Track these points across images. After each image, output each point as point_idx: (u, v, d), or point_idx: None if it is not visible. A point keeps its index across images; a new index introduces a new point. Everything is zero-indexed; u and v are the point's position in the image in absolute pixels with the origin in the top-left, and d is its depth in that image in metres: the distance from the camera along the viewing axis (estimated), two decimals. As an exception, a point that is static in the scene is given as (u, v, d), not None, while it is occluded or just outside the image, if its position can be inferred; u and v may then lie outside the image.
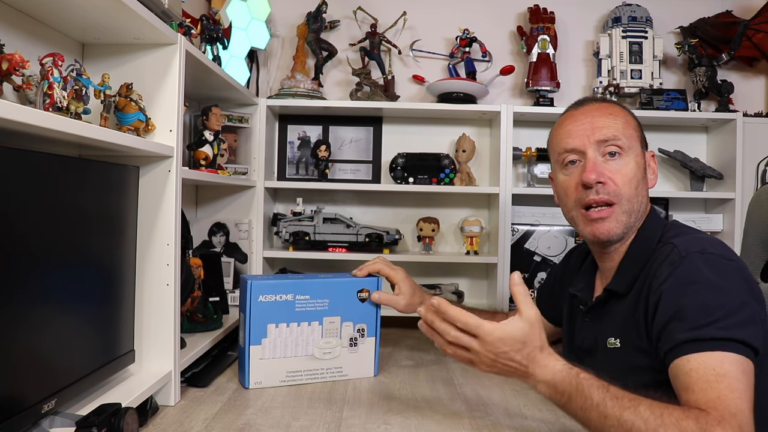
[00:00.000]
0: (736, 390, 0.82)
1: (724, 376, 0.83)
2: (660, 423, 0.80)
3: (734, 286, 0.90)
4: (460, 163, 2.04)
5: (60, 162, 0.90)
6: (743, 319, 0.86)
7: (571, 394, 0.87)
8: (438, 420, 1.06)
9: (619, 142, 1.03)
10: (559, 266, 1.35)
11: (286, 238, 1.93)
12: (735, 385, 0.83)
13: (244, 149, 1.92)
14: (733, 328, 0.85)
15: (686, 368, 0.86)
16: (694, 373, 0.85)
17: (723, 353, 0.84)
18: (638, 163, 1.04)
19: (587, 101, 1.10)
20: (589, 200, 1.02)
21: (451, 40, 2.15)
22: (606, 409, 0.84)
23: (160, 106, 1.14)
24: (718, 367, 0.84)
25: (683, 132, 2.15)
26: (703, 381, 0.84)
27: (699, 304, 0.88)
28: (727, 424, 0.79)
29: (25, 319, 0.79)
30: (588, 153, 1.03)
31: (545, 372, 0.90)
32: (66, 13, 1.00)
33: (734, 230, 1.96)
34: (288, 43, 2.16)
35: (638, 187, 1.03)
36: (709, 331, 0.86)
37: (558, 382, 0.89)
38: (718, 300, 0.88)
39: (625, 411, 0.82)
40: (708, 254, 0.92)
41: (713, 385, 0.83)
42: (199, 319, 1.43)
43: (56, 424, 0.86)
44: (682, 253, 0.93)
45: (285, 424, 1.03)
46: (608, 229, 1.02)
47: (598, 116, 1.05)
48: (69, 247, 0.91)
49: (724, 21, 2.12)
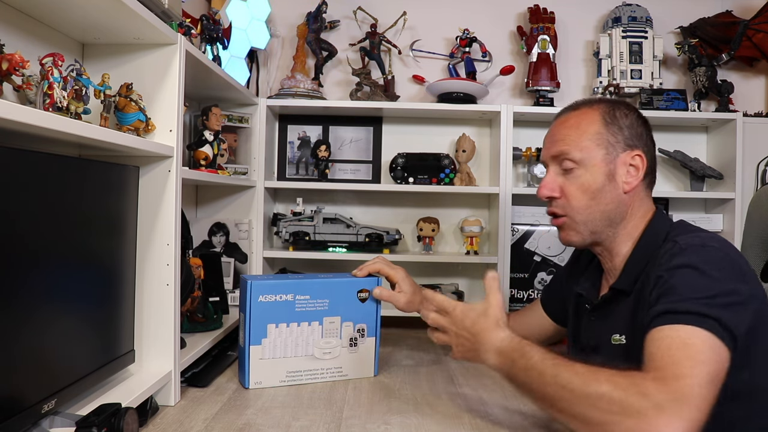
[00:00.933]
0: (694, 359, 0.82)
1: (689, 345, 0.83)
2: (593, 378, 0.83)
3: (726, 275, 0.90)
4: (460, 163, 2.04)
5: (60, 162, 0.90)
6: (726, 303, 0.86)
7: (514, 358, 0.94)
8: (438, 420, 1.06)
9: (570, 156, 1.05)
10: (566, 266, 1.36)
11: (286, 238, 1.93)
12: (696, 355, 0.82)
13: (244, 149, 1.92)
14: (714, 307, 0.86)
15: (656, 337, 0.87)
16: (661, 342, 0.86)
17: (696, 328, 0.84)
18: (596, 173, 1.04)
19: (561, 112, 1.13)
20: (547, 211, 1.12)
21: (451, 40, 2.15)
22: (544, 368, 0.89)
23: (160, 106, 1.14)
24: (686, 337, 0.84)
25: (683, 132, 2.15)
26: (666, 347, 0.85)
27: (684, 284, 0.90)
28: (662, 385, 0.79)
29: (25, 319, 0.80)
30: (549, 167, 1.10)
31: (492, 340, 0.98)
32: (66, 13, 1.00)
33: (734, 230, 1.96)
34: (288, 43, 2.16)
35: (595, 198, 1.04)
36: (687, 305, 0.87)
37: (502, 348, 0.96)
38: (705, 283, 0.89)
39: (560, 367, 0.87)
40: (707, 246, 0.93)
41: (674, 352, 0.83)
42: (199, 319, 1.43)
43: (56, 424, 0.86)
44: (682, 246, 0.95)
45: (285, 424, 1.03)
46: (564, 237, 1.10)
47: (558, 130, 1.10)
48: (69, 247, 0.91)
49: (724, 21, 2.12)
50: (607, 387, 0.81)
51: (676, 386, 0.79)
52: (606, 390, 0.81)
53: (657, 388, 0.79)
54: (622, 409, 0.79)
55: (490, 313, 1.01)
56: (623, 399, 0.79)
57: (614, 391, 0.80)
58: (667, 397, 0.78)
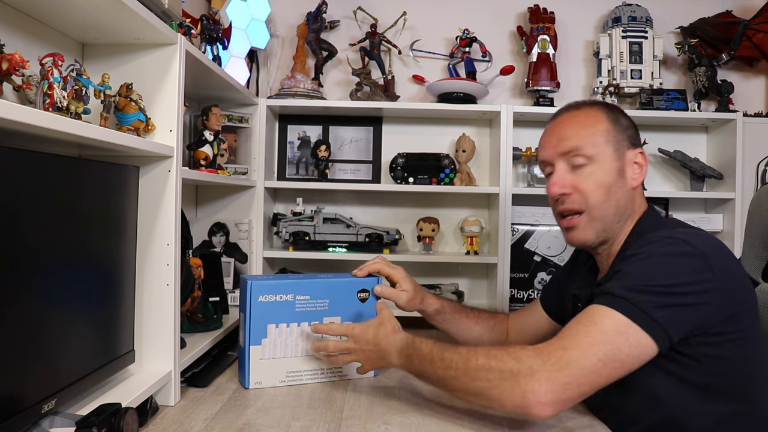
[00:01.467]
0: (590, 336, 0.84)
1: (594, 324, 0.86)
2: (473, 354, 0.93)
3: (680, 269, 0.89)
4: (460, 163, 2.04)
5: (60, 162, 0.90)
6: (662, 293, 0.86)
7: (411, 355, 1.04)
8: (438, 420, 1.06)
9: (583, 152, 1.04)
10: (565, 265, 1.36)
11: (286, 238, 1.93)
12: (596, 334, 0.85)
13: (244, 149, 1.92)
14: (641, 294, 0.86)
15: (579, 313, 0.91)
16: (579, 316, 0.90)
17: (611, 310, 0.86)
18: (608, 169, 1.04)
19: (560, 112, 1.13)
20: (558, 210, 1.08)
21: (451, 40, 2.15)
22: (433, 355, 0.99)
23: (160, 106, 1.14)
24: (597, 317, 0.87)
25: (683, 132, 2.15)
26: (576, 322, 0.88)
27: (630, 270, 0.91)
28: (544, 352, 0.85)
29: (25, 319, 0.79)
30: (556, 165, 1.08)
31: (392, 345, 1.08)
32: (66, 13, 1.00)
33: (734, 230, 1.96)
34: (288, 43, 2.16)
35: (609, 193, 1.04)
36: (615, 288, 0.89)
37: (401, 347, 1.07)
38: (649, 273, 0.89)
39: (446, 352, 0.98)
40: (672, 239, 0.93)
41: (579, 327, 0.87)
42: (199, 319, 1.43)
43: (56, 424, 0.86)
44: (650, 238, 0.95)
45: (285, 424, 1.03)
46: (578, 236, 1.07)
47: (564, 127, 1.08)
48: (69, 247, 0.91)
49: (724, 21, 2.12)
50: (483, 359, 0.91)
51: (557, 355, 0.85)
52: (483, 361, 0.91)
53: (532, 355, 0.86)
54: (497, 375, 0.88)
55: (386, 323, 1.11)
56: (497, 366, 0.88)
57: (489, 361, 0.90)
58: (539, 362, 0.85)
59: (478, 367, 0.91)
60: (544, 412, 0.86)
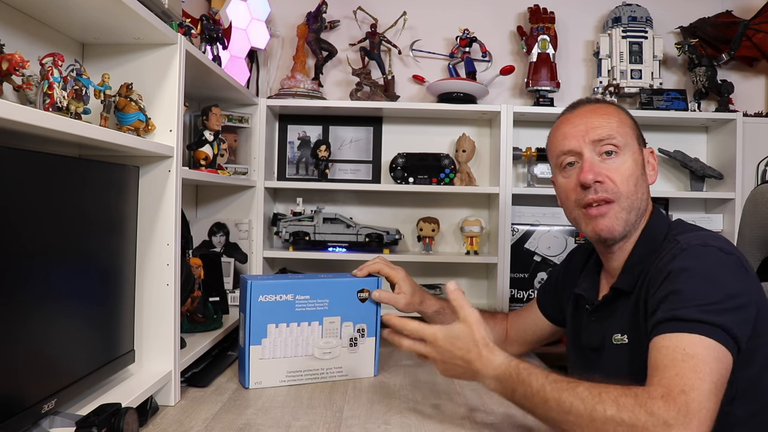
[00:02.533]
0: (699, 372, 0.81)
1: (693, 356, 0.83)
2: (598, 401, 0.82)
3: (729, 278, 0.90)
4: (460, 163, 2.04)
5: (60, 162, 0.90)
6: (729, 308, 0.86)
7: (514, 386, 0.91)
8: (438, 420, 1.06)
9: (615, 141, 1.03)
10: (560, 267, 1.35)
11: (286, 238, 1.93)
12: (700, 367, 0.82)
13: (244, 149, 1.92)
14: (716, 313, 0.85)
15: (659, 345, 0.87)
16: (664, 350, 0.85)
17: (699, 336, 0.84)
18: (636, 161, 1.05)
19: (581, 103, 1.12)
20: (588, 200, 1.03)
21: (451, 40, 2.15)
22: (545, 394, 0.87)
23: (160, 106, 1.14)
24: (690, 347, 0.84)
25: (683, 132, 2.15)
26: (670, 359, 0.84)
27: (687, 289, 0.89)
28: (671, 400, 0.79)
29: (25, 319, 0.79)
30: (584, 153, 1.04)
31: (488, 368, 0.95)
32: (66, 13, 1.00)
33: (734, 230, 1.95)
34: (288, 43, 2.16)
35: (637, 184, 1.04)
36: (690, 312, 0.86)
37: (500, 375, 0.94)
38: (708, 288, 0.88)
39: (563, 393, 0.85)
40: (709, 247, 0.93)
41: (678, 364, 0.83)
42: (199, 319, 1.43)
43: (56, 424, 0.86)
44: (683, 246, 0.94)
45: (285, 424, 1.03)
46: (608, 225, 1.02)
47: (592, 117, 1.06)
48: (69, 247, 0.91)
49: (724, 21, 2.12)
50: (612, 410, 0.80)
51: (682, 401, 0.79)
52: (612, 413, 0.80)
53: (663, 406, 0.78)
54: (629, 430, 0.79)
55: (476, 335, 0.97)
56: (630, 419, 0.79)
57: (620, 413, 0.79)
58: (673, 414, 0.78)
59: (605, 419, 0.80)
60: None
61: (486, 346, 0.96)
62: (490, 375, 0.95)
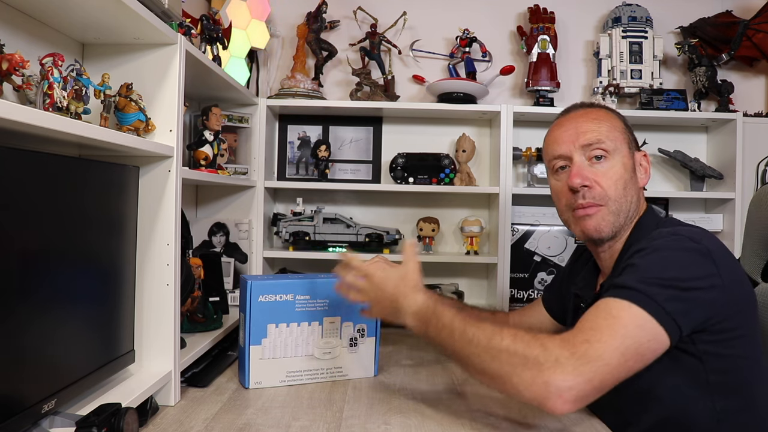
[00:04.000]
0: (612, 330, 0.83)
1: (614, 317, 0.84)
2: (498, 333, 0.87)
3: (686, 262, 0.90)
4: (460, 163, 2.04)
5: (60, 162, 0.90)
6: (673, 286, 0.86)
7: (429, 319, 0.98)
8: (438, 420, 1.06)
9: (603, 145, 1.05)
10: (567, 265, 1.37)
11: (286, 238, 1.93)
12: (616, 327, 0.83)
13: (244, 149, 1.92)
14: (656, 287, 0.86)
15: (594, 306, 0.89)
16: (594, 309, 0.88)
17: (629, 303, 0.85)
18: (625, 165, 1.06)
19: (573, 108, 1.13)
20: (577, 204, 1.06)
21: (451, 40, 2.15)
22: (454, 326, 0.94)
23: (160, 106, 1.14)
24: (615, 310, 0.86)
25: (683, 132, 2.15)
26: (593, 316, 0.87)
27: (640, 264, 0.91)
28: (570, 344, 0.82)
29: (24, 319, 0.79)
30: (574, 158, 1.06)
31: (411, 303, 1.02)
32: (66, 13, 1.00)
33: (734, 230, 1.96)
34: (288, 43, 2.16)
35: (626, 188, 1.05)
36: (630, 281, 0.88)
37: (419, 309, 1.01)
38: (659, 265, 0.89)
39: (468, 325, 0.92)
40: (678, 235, 0.94)
41: (598, 321, 0.85)
42: (199, 319, 1.43)
43: (56, 424, 0.86)
44: (655, 235, 0.96)
45: (285, 424, 1.03)
46: (595, 225, 1.05)
47: (583, 122, 1.08)
48: (69, 247, 0.91)
49: (724, 21, 2.12)
50: (509, 341, 0.86)
51: (582, 348, 0.82)
52: (507, 343, 0.86)
53: (560, 345, 0.83)
54: (521, 361, 0.83)
55: (409, 277, 1.05)
56: (523, 351, 0.84)
57: (515, 344, 0.85)
58: (566, 353, 0.82)
59: (501, 348, 0.86)
60: (563, 408, 0.81)
61: (414, 287, 1.04)
62: (411, 311, 1.02)
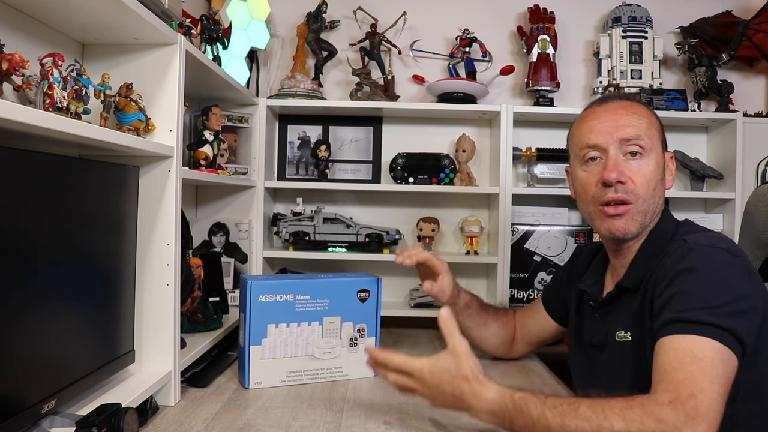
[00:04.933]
0: (707, 375, 0.81)
1: (701, 359, 0.83)
2: (603, 418, 0.80)
3: (736, 280, 0.90)
4: (460, 163, 2.04)
5: (60, 162, 0.90)
6: (736, 311, 0.86)
7: (513, 417, 0.88)
8: (438, 420, 1.06)
9: (642, 142, 1.02)
10: (566, 264, 1.36)
11: (286, 238, 1.93)
12: (709, 369, 0.82)
13: (244, 149, 1.92)
14: (723, 316, 0.85)
15: (666, 347, 0.86)
16: (672, 352, 0.85)
17: (706, 339, 0.84)
18: (658, 164, 1.04)
19: (612, 98, 1.10)
20: (607, 198, 1.02)
21: (451, 40, 2.15)
22: (547, 421, 0.84)
23: (160, 106, 1.14)
24: (698, 350, 0.84)
25: (683, 132, 2.15)
26: (678, 361, 0.84)
27: (695, 290, 0.89)
28: (680, 405, 0.79)
29: (24, 319, 0.80)
30: (610, 151, 1.03)
31: (481, 402, 0.91)
32: (66, 13, 1.00)
33: (734, 230, 1.96)
34: (288, 43, 2.16)
35: (656, 188, 1.03)
36: (698, 314, 0.86)
37: (495, 409, 0.89)
38: (716, 290, 0.88)
39: (566, 417, 0.82)
40: (716, 248, 0.93)
41: (686, 366, 0.83)
42: (199, 319, 1.43)
43: (56, 424, 0.86)
44: (691, 246, 0.94)
45: (285, 424, 1.03)
46: (623, 226, 1.02)
47: (623, 114, 1.05)
48: (69, 247, 0.91)
49: (724, 21, 2.12)
50: (619, 424, 0.78)
51: (691, 405, 0.79)
52: (620, 427, 0.78)
53: (672, 411, 0.78)
54: None
55: (465, 369, 0.92)
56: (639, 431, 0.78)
57: (628, 426, 0.78)
58: (682, 418, 0.77)
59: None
60: None
61: (476, 379, 0.92)
62: (485, 410, 0.91)
